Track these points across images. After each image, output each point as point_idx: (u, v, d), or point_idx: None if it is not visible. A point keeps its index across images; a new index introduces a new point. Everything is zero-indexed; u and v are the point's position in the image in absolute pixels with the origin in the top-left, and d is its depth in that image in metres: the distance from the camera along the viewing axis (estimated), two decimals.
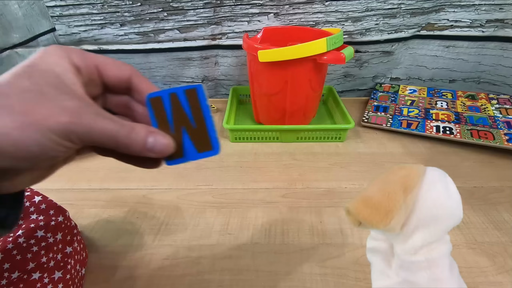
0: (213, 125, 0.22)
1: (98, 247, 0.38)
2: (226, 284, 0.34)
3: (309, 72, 0.53)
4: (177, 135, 0.22)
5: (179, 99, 0.21)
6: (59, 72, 0.18)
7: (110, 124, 0.18)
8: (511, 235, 0.39)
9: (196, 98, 0.21)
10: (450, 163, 0.52)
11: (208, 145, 0.22)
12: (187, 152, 0.22)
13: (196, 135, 0.22)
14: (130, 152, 0.19)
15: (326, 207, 0.44)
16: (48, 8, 0.65)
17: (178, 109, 0.21)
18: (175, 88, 0.21)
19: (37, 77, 0.17)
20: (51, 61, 0.18)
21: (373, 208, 0.16)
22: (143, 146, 0.19)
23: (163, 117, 0.21)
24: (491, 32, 0.66)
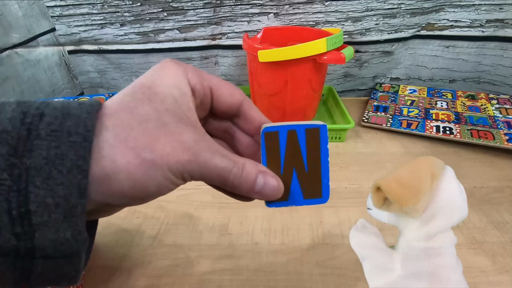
0: (328, 172, 0.20)
1: (98, 247, 0.38)
2: (226, 284, 0.34)
3: (309, 72, 0.53)
4: (286, 176, 0.20)
5: (298, 137, 0.19)
6: (177, 96, 0.17)
7: (224, 161, 0.17)
8: (511, 235, 0.39)
9: (317, 139, 0.20)
10: (450, 163, 0.51)
11: (317, 192, 0.20)
12: (292, 196, 0.20)
13: (306, 179, 0.20)
14: (236, 191, 0.18)
15: (326, 207, 0.44)
16: (48, 8, 0.65)
17: (294, 148, 0.19)
18: (296, 125, 0.19)
19: (157, 102, 0.16)
20: (170, 81, 0.17)
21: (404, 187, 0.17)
22: (251, 188, 0.18)
23: (276, 154, 0.19)
24: (491, 32, 0.66)
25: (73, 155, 0.13)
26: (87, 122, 0.14)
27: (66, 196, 0.13)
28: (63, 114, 0.14)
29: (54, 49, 0.70)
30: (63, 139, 0.13)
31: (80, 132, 0.13)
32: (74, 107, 0.14)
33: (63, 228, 0.13)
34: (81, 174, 0.13)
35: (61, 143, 0.13)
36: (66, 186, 0.13)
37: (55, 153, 0.13)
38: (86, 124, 0.14)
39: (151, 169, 0.15)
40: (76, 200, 0.13)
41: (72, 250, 0.13)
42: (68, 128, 0.13)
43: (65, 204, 0.13)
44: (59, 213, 0.13)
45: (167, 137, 0.15)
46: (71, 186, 0.13)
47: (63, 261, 0.14)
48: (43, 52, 0.69)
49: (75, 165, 0.13)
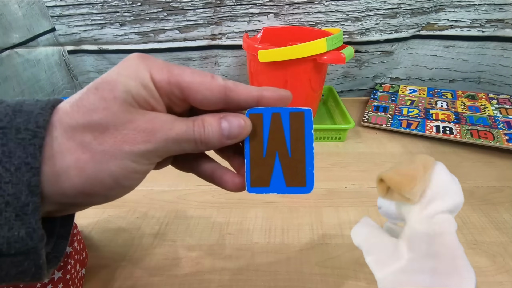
0: (312, 159, 0.19)
1: (98, 247, 0.38)
2: (226, 284, 0.34)
3: (309, 72, 0.53)
4: (269, 160, 0.19)
5: (282, 120, 0.19)
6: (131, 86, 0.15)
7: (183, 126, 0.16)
8: (511, 235, 0.39)
9: (301, 124, 0.19)
10: (450, 163, 0.52)
11: (301, 180, 0.19)
12: (274, 183, 0.19)
13: (289, 166, 0.19)
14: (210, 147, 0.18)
15: (326, 207, 0.44)
16: (48, 8, 0.65)
17: (278, 131, 0.19)
18: (280, 108, 0.19)
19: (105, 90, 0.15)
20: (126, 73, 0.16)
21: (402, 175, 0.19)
22: (220, 135, 0.17)
23: (259, 136, 0.19)
24: (491, 32, 0.66)
25: (21, 152, 0.13)
26: (38, 118, 0.13)
27: (16, 194, 0.13)
28: (14, 111, 0.13)
29: (54, 49, 0.70)
30: (10, 136, 0.13)
31: (30, 128, 0.13)
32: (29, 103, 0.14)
33: (16, 226, 0.13)
34: (30, 171, 0.13)
35: (8, 140, 0.13)
36: (14, 184, 0.13)
37: (2, 150, 0.13)
38: (37, 120, 0.13)
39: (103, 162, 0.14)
40: (27, 198, 0.13)
41: (27, 247, 0.13)
42: (17, 125, 0.13)
43: (15, 203, 0.13)
44: (10, 211, 0.13)
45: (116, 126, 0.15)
46: (20, 184, 0.13)
47: (21, 257, 0.13)
48: (43, 52, 0.69)
49: (23, 162, 0.13)
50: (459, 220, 0.41)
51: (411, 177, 0.19)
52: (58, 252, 0.17)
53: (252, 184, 0.20)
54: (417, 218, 0.19)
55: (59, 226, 0.18)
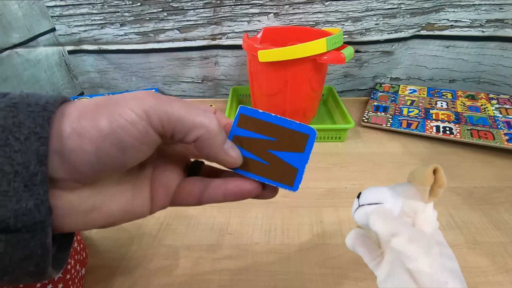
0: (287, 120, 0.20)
1: (98, 247, 0.38)
2: (226, 284, 0.34)
3: (309, 72, 0.53)
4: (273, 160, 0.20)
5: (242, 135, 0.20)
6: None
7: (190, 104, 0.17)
8: (511, 235, 0.39)
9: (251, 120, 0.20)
10: (450, 163, 0.52)
11: (303, 136, 0.20)
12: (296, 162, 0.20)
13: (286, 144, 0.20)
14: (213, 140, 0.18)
15: (326, 207, 0.44)
16: (48, 8, 0.65)
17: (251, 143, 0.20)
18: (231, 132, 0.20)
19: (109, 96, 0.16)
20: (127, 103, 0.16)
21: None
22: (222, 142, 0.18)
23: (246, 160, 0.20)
24: (491, 32, 0.66)
25: (31, 122, 0.13)
26: (48, 98, 0.14)
27: (25, 163, 0.13)
28: (27, 94, 0.14)
29: (54, 49, 0.70)
30: (21, 109, 0.13)
31: (40, 103, 0.14)
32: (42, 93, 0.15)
33: (24, 198, 0.13)
34: (39, 141, 0.13)
35: (19, 112, 0.13)
36: (24, 153, 0.13)
37: (12, 121, 0.13)
38: (47, 99, 0.14)
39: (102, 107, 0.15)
40: (36, 167, 0.13)
41: (35, 220, 0.13)
42: (28, 101, 0.14)
43: (24, 172, 0.13)
44: (19, 181, 0.13)
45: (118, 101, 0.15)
46: (30, 153, 0.13)
47: (27, 235, 0.13)
48: (43, 52, 0.69)
49: (32, 132, 0.13)
50: (459, 220, 0.41)
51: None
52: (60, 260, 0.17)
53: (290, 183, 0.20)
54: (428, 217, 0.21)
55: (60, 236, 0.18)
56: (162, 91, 0.78)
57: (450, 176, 0.49)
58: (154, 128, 0.16)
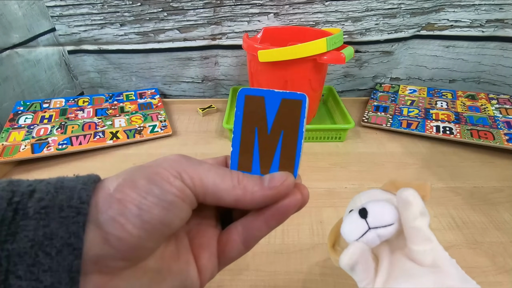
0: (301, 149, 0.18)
1: None
2: (226, 284, 0.34)
3: (309, 72, 0.53)
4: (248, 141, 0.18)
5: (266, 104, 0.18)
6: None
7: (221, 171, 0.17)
8: (511, 235, 0.39)
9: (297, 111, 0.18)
10: (450, 163, 0.52)
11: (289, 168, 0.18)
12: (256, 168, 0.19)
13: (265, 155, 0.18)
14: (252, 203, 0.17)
15: (326, 207, 0.44)
16: (48, 8, 0.65)
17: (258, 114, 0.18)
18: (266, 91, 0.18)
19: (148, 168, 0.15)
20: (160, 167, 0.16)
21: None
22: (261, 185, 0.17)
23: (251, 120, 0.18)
24: (491, 32, 0.66)
25: (64, 232, 0.12)
26: (81, 193, 0.13)
27: (54, 284, 0.11)
28: (56, 188, 0.13)
29: (54, 49, 0.70)
30: (53, 216, 0.12)
31: (74, 205, 0.12)
32: (70, 179, 0.13)
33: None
34: (72, 254, 0.12)
35: (51, 220, 0.12)
36: (54, 271, 0.11)
37: (43, 232, 0.11)
38: (81, 196, 0.13)
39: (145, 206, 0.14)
40: (67, 286, 0.11)
41: None
42: (60, 203, 0.12)
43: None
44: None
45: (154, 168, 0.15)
46: (60, 271, 0.11)
47: None
48: (43, 52, 0.69)
49: (65, 243, 0.11)
50: (459, 220, 0.41)
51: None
52: None
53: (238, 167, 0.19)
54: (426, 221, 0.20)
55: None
56: (162, 91, 0.78)
57: (450, 176, 0.49)
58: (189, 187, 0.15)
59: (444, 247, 0.21)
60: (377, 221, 0.20)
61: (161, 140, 0.60)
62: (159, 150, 0.57)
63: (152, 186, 0.14)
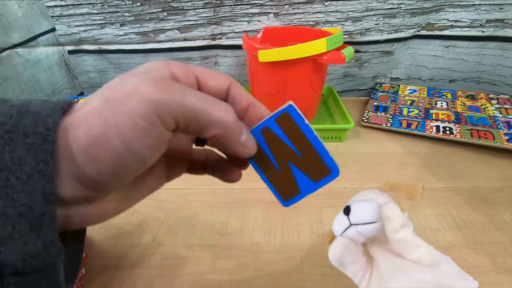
0: (322, 145, 0.18)
1: (98, 247, 0.38)
2: (226, 284, 0.34)
3: (309, 72, 0.53)
4: (285, 171, 0.19)
5: (273, 131, 0.19)
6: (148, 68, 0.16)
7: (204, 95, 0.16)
8: (511, 235, 0.39)
9: (291, 123, 0.18)
10: (450, 163, 0.52)
11: (324, 169, 0.18)
12: (303, 186, 0.19)
13: (307, 165, 0.19)
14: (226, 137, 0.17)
15: (326, 207, 0.44)
16: (48, 8, 0.65)
17: (277, 142, 0.19)
18: (265, 121, 0.19)
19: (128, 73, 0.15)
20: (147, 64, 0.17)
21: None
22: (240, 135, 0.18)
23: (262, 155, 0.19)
24: (491, 32, 0.66)
25: (32, 159, 0.12)
26: (47, 119, 0.12)
27: (30, 204, 0.11)
28: (19, 112, 0.12)
29: (54, 49, 0.70)
30: (18, 141, 0.12)
31: (39, 131, 0.12)
32: (36, 103, 0.13)
33: (32, 239, 0.12)
34: (43, 179, 0.12)
35: (16, 146, 0.12)
36: (27, 193, 0.11)
37: (10, 157, 0.11)
38: (46, 122, 0.12)
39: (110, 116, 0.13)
40: (42, 207, 0.12)
41: (45, 263, 0.12)
42: (24, 129, 0.12)
43: (30, 214, 0.12)
44: (24, 223, 0.11)
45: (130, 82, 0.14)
46: (34, 193, 0.12)
47: (38, 275, 0.12)
48: (43, 52, 0.69)
49: (35, 170, 0.12)
50: (459, 220, 0.41)
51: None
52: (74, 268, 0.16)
53: (285, 198, 0.20)
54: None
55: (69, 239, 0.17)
56: None
57: (450, 176, 0.49)
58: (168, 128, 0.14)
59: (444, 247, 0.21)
60: (357, 219, 0.21)
61: None
62: None
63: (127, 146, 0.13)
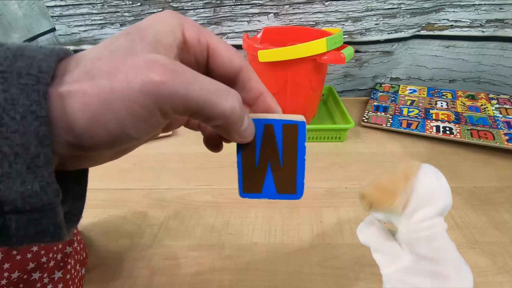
0: (303, 169, 0.20)
1: (98, 247, 0.39)
2: (226, 284, 0.34)
3: (309, 72, 0.53)
4: (261, 169, 0.20)
5: (275, 132, 0.19)
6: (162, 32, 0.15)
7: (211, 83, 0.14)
8: (511, 235, 0.39)
9: (294, 136, 0.19)
10: (450, 163, 0.52)
11: (291, 188, 0.20)
12: (266, 189, 0.20)
13: (281, 175, 0.20)
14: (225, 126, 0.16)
15: (326, 207, 0.44)
16: (48, 8, 0.65)
17: (270, 142, 0.19)
18: (274, 120, 0.19)
19: (135, 35, 0.15)
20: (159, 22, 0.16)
21: (381, 191, 0.20)
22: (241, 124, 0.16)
23: (251, 146, 0.19)
24: (491, 32, 0.66)
25: (25, 99, 0.12)
26: (41, 63, 0.12)
27: (25, 145, 0.12)
28: (14, 55, 0.12)
29: None
30: (12, 81, 0.12)
31: (32, 73, 0.12)
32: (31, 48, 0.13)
33: (29, 180, 0.12)
34: (37, 120, 0.12)
35: (10, 85, 0.12)
36: (22, 133, 0.12)
37: (4, 97, 0.11)
38: (40, 65, 0.12)
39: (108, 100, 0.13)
40: (37, 149, 0.12)
41: (43, 203, 0.12)
42: (18, 70, 0.12)
43: (25, 154, 0.12)
44: (21, 163, 0.12)
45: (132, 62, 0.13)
46: (28, 133, 0.12)
47: (37, 215, 0.13)
48: None
49: (28, 110, 0.12)
50: (459, 220, 0.41)
51: (391, 192, 0.20)
52: (76, 210, 0.16)
53: (245, 190, 0.20)
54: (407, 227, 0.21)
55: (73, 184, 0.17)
56: None
57: (450, 176, 0.49)
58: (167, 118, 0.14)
59: None
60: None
61: (161, 140, 0.60)
62: (159, 150, 0.57)
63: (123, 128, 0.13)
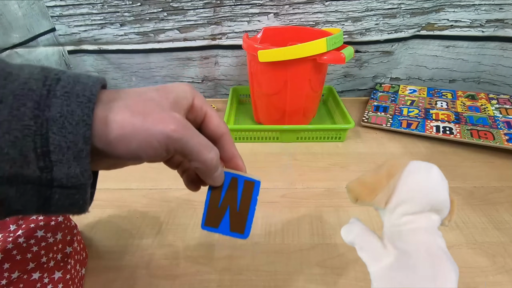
0: (253, 217, 0.25)
1: (98, 247, 0.38)
2: (226, 284, 0.34)
3: (309, 72, 0.53)
4: (221, 210, 0.25)
5: (238, 184, 0.25)
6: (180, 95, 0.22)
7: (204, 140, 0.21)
8: (511, 235, 0.39)
9: (250, 190, 0.25)
10: (450, 163, 0.52)
11: (241, 229, 0.25)
12: (222, 226, 0.25)
13: (235, 217, 0.25)
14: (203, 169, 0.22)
15: (326, 207, 0.44)
16: (48, 8, 0.65)
17: (233, 191, 0.25)
18: (239, 175, 0.25)
19: (163, 92, 0.21)
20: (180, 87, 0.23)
21: (364, 186, 0.22)
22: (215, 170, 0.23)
23: (218, 192, 0.25)
24: (491, 32, 0.66)
25: (80, 112, 0.17)
26: (92, 88, 0.18)
27: (75, 141, 0.17)
28: (74, 81, 0.18)
29: (54, 49, 0.70)
30: (73, 99, 0.17)
31: (86, 95, 0.18)
32: (84, 77, 0.19)
33: (73, 166, 0.17)
34: (85, 127, 0.17)
35: (71, 102, 0.17)
36: (74, 134, 0.17)
37: (67, 109, 0.17)
38: (91, 90, 0.18)
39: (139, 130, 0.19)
40: (82, 145, 0.17)
41: (80, 182, 0.18)
42: (77, 92, 0.18)
43: (74, 148, 0.17)
44: (70, 154, 0.17)
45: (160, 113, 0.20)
46: (78, 135, 0.17)
47: (74, 191, 0.18)
48: (43, 52, 0.69)
49: (81, 119, 0.17)
50: (459, 220, 0.41)
51: (373, 188, 0.22)
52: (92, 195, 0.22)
53: (206, 223, 0.25)
54: (389, 221, 0.22)
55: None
56: None
57: (450, 176, 0.49)
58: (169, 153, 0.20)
59: None
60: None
61: None
62: None
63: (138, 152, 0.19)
